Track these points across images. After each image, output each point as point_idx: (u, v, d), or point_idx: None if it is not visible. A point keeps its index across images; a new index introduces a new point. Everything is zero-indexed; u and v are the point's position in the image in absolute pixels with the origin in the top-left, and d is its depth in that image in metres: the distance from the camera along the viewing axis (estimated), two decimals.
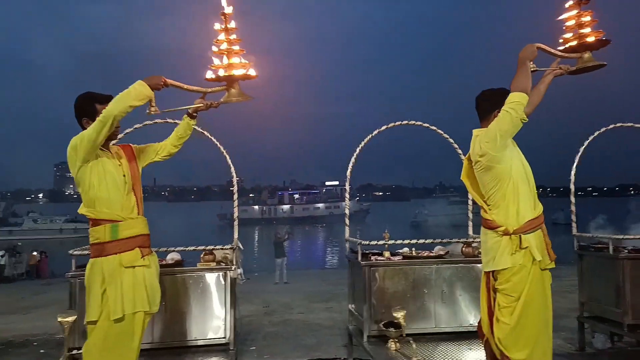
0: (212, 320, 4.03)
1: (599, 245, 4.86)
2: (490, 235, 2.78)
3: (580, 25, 3.05)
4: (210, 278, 4.06)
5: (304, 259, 25.09)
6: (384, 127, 4.87)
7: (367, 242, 4.44)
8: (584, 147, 5.04)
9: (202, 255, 4.19)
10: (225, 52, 2.91)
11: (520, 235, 2.67)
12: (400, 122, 4.86)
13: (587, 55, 3.02)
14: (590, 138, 5.02)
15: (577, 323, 5.10)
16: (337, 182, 68.60)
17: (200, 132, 4.36)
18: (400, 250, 4.62)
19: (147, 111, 2.77)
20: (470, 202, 4.84)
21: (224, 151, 4.53)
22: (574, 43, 3.04)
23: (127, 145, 2.98)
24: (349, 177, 4.99)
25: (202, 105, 2.99)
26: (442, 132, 4.94)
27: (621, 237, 4.60)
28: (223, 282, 4.06)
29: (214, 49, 2.95)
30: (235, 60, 2.90)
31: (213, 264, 4.12)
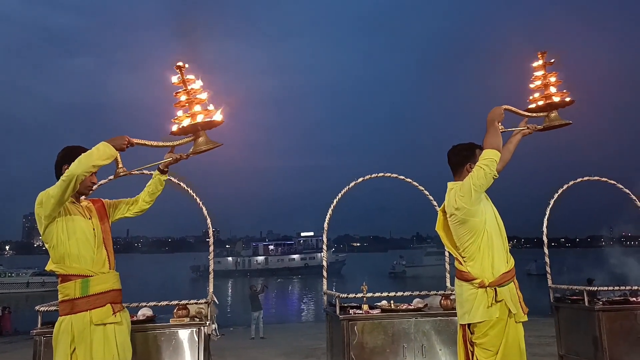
0: None
1: (575, 297, 4.90)
2: (465, 288, 2.79)
3: (546, 86, 3.23)
4: (184, 334, 3.92)
5: (280, 312, 24.47)
6: (360, 179, 4.94)
7: (345, 295, 4.39)
8: (553, 200, 5.18)
9: (175, 311, 4.05)
10: (186, 103, 2.90)
11: (495, 288, 2.69)
12: (376, 175, 4.95)
13: (553, 114, 3.19)
14: (560, 191, 5.18)
15: None
16: (312, 233, 68.14)
17: (177, 183, 4.34)
18: (379, 304, 4.56)
19: (115, 173, 2.79)
20: (447, 254, 4.87)
21: (200, 202, 4.49)
22: (540, 103, 3.22)
23: (98, 199, 2.95)
24: (326, 228, 4.99)
25: (171, 159, 2.96)
26: (418, 185, 5.03)
27: (595, 288, 4.66)
28: (197, 339, 3.91)
29: (176, 101, 2.95)
30: (197, 108, 2.89)
31: (186, 320, 3.98)
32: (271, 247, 67.11)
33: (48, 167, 2.81)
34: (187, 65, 2.90)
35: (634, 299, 4.65)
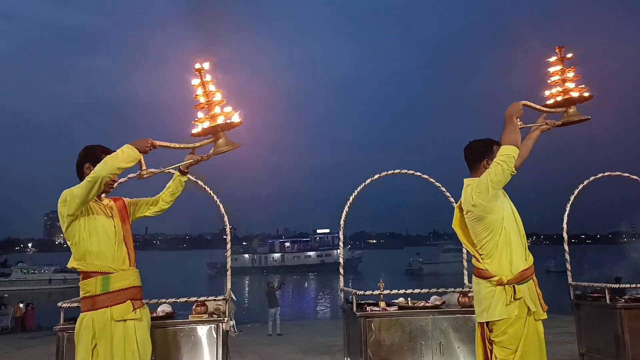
0: None
1: (596, 295, 4.82)
2: (483, 285, 2.77)
3: (564, 81, 3.19)
4: (202, 331, 3.96)
5: (296, 309, 24.58)
6: (376, 176, 4.92)
7: (362, 292, 4.38)
8: (574, 195, 5.09)
9: (194, 307, 4.10)
10: (206, 105, 2.94)
11: (514, 286, 2.66)
12: (392, 171, 4.93)
13: (572, 109, 3.15)
14: (580, 187, 5.09)
15: None
16: (328, 230, 68.20)
17: (194, 181, 4.39)
18: (396, 301, 4.55)
19: (139, 174, 2.86)
20: (464, 251, 4.82)
21: (217, 200, 4.53)
22: (559, 98, 3.17)
23: (119, 198, 3.00)
24: (342, 225, 4.99)
25: (192, 160, 3.02)
26: (434, 181, 5.00)
27: (617, 285, 4.58)
28: (215, 335, 3.96)
29: (196, 103, 2.99)
30: (216, 110, 2.94)
31: (205, 316, 4.03)
32: (287, 244, 67.43)
33: (68, 165, 2.88)
34: (206, 67, 2.94)
35: None
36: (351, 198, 4.93)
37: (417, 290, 4.48)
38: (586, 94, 3.17)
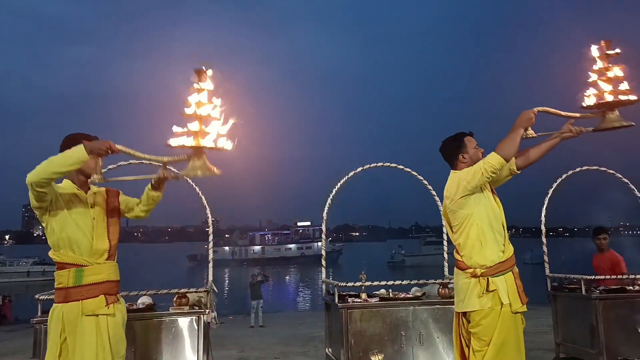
0: None
1: (572, 286, 4.93)
2: (460, 276, 2.83)
3: (604, 81, 2.79)
4: (183, 322, 3.94)
5: (278, 301, 24.64)
6: (359, 169, 4.94)
7: (344, 284, 4.41)
8: (552, 189, 5.18)
9: (175, 299, 4.08)
10: (198, 118, 2.51)
11: (487, 278, 2.71)
12: (375, 164, 4.95)
13: (613, 115, 2.75)
14: (558, 181, 5.18)
15: None
16: (309, 223, 68.29)
17: (175, 172, 4.34)
18: (377, 292, 4.59)
19: (92, 179, 2.64)
20: (445, 243, 4.88)
21: (200, 192, 4.50)
22: (594, 100, 2.80)
23: (116, 191, 2.86)
24: (325, 218, 5.00)
25: (161, 176, 2.75)
26: (417, 174, 5.03)
27: (593, 277, 4.69)
28: (196, 327, 3.94)
29: (187, 111, 2.54)
30: (208, 127, 2.55)
31: (186, 308, 4.01)
32: (268, 236, 67.37)
33: (48, 155, 2.76)
34: (210, 72, 2.56)
35: (631, 287, 4.68)
36: (333, 191, 4.94)
37: (398, 282, 4.53)
38: (633, 97, 2.74)
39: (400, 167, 5.00)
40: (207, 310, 3.99)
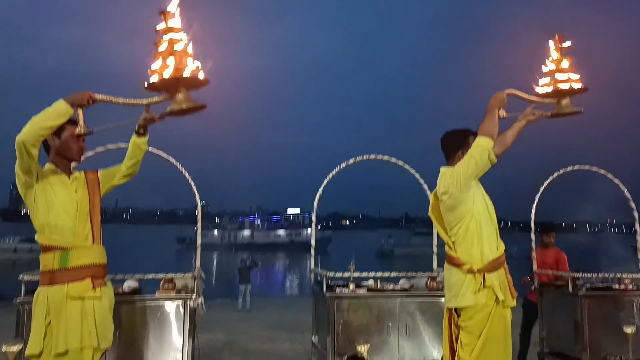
0: (170, 351, 3.87)
1: (559, 283, 4.96)
2: (454, 272, 2.81)
3: (559, 71, 2.99)
4: (170, 307, 3.92)
5: (266, 286, 24.73)
6: (351, 161, 4.92)
7: (333, 274, 4.40)
8: (543, 187, 5.20)
9: (161, 284, 4.04)
10: (166, 54, 2.46)
11: (484, 274, 2.70)
12: (367, 156, 4.95)
13: (564, 101, 2.97)
14: (550, 179, 5.20)
15: (538, 359, 5.16)
16: (298, 210, 68.28)
17: (166, 158, 4.29)
18: (366, 283, 4.59)
19: (76, 131, 2.57)
20: (435, 235, 4.89)
21: (189, 178, 4.44)
22: (550, 89, 2.99)
23: (94, 171, 2.81)
24: (315, 208, 4.99)
25: (145, 119, 2.67)
26: (409, 167, 5.02)
27: (580, 275, 4.72)
28: (182, 312, 3.92)
29: (159, 48, 2.50)
30: (178, 60, 2.45)
31: (173, 293, 3.98)
32: (257, 222, 67.32)
33: None
34: (174, 13, 2.51)
35: (617, 286, 4.72)
36: (325, 182, 4.93)
37: (387, 274, 4.53)
38: (580, 86, 2.96)
39: (393, 160, 4.99)
40: (194, 296, 3.96)
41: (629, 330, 3.87)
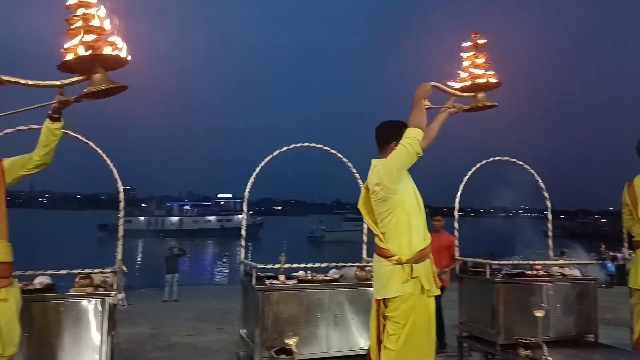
0: (87, 351, 3.62)
1: (478, 269, 5.22)
2: (383, 263, 2.85)
3: (476, 67, 3.21)
4: (86, 305, 3.65)
5: (194, 274, 24.18)
6: (285, 148, 4.87)
7: (263, 266, 4.34)
8: (467, 177, 5.42)
9: (76, 279, 3.77)
10: (80, 30, 2.26)
11: (411, 265, 2.76)
12: (301, 144, 4.94)
13: (480, 95, 3.20)
14: (473, 169, 5.42)
15: (457, 342, 5.42)
16: (230, 195, 67.25)
17: (85, 142, 4.00)
18: (296, 274, 4.57)
19: None
20: (365, 225, 4.95)
21: (110, 162, 4.16)
22: (468, 83, 3.21)
23: None
24: (247, 195, 4.89)
25: (59, 101, 2.45)
26: (342, 157, 5.05)
27: (498, 262, 4.99)
28: (100, 309, 3.67)
29: (69, 28, 2.30)
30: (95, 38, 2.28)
31: (90, 289, 3.73)
32: (186, 207, 65.52)
33: None
34: None
35: (530, 272, 5.04)
36: (257, 169, 4.85)
37: (317, 265, 4.54)
38: (494, 81, 3.21)
39: (326, 148, 5.00)
40: (114, 292, 3.73)
41: (539, 314, 4.16)
